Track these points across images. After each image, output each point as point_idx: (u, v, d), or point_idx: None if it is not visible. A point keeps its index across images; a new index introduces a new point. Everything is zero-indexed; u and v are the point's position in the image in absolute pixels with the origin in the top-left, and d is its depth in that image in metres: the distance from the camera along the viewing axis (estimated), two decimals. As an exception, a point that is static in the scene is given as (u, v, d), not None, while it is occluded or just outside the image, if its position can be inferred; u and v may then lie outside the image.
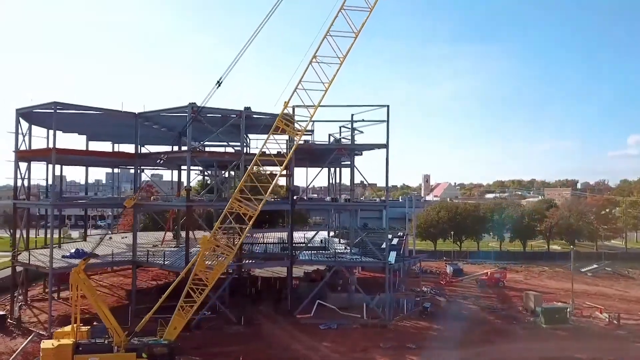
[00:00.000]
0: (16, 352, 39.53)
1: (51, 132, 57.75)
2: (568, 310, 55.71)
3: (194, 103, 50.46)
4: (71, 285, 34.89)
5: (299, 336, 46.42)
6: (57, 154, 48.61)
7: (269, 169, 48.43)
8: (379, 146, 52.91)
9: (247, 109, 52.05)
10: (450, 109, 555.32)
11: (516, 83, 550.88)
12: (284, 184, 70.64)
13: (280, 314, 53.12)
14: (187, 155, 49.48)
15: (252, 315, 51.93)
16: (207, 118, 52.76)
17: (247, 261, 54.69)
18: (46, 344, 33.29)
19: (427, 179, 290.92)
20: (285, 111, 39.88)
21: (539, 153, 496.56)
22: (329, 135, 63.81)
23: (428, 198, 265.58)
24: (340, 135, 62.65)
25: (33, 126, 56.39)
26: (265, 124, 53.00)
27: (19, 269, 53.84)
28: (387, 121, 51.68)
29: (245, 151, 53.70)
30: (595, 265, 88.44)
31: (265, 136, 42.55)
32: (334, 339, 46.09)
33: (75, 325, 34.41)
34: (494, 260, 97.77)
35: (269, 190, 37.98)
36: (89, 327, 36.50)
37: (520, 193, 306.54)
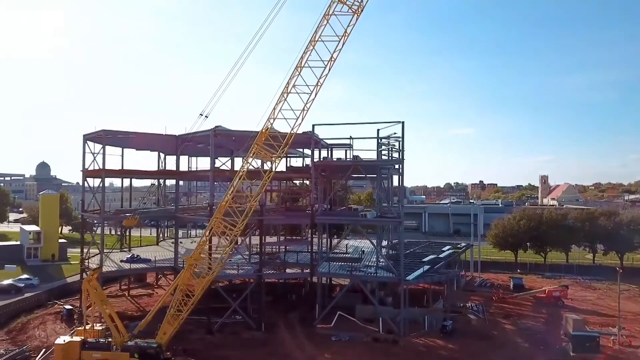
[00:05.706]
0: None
1: (125, 150, 67.44)
2: (612, 338, 51.38)
3: (220, 126, 55.50)
4: (83, 290, 41.27)
5: (305, 345, 48.75)
6: (106, 174, 56.75)
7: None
8: (394, 162, 53.05)
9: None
10: (589, 101, 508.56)
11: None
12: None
13: (303, 322, 55.74)
14: (209, 174, 54.35)
15: (275, 321, 55.32)
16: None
17: (267, 271, 57.72)
18: (59, 340, 39.77)
19: (544, 180, 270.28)
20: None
21: None
22: (376, 147, 64.69)
23: (545, 201, 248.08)
24: (380, 149, 63.45)
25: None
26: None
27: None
28: (402, 137, 51.89)
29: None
30: (691, 287, 77.44)
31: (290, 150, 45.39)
32: (338, 350, 47.73)
33: (86, 325, 40.73)
34: (576, 274, 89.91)
35: (248, 209, 40.84)
36: (103, 327, 42.57)
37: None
